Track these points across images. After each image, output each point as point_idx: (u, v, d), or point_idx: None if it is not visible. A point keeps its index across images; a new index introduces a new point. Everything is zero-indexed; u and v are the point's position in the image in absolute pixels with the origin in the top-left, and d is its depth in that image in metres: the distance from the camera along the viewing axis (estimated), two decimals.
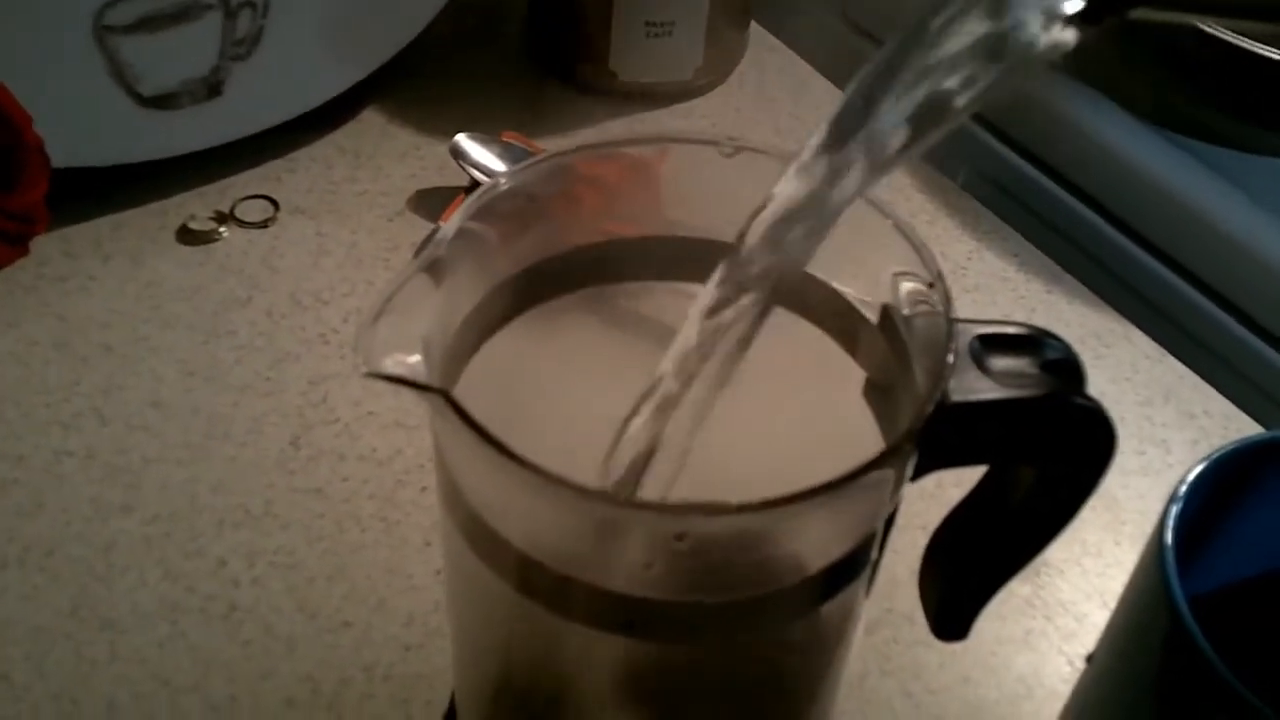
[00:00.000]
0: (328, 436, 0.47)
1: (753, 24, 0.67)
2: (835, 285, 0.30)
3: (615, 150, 0.30)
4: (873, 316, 0.29)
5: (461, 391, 0.27)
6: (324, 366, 0.50)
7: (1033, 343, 0.29)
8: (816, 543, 0.25)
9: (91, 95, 0.52)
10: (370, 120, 0.61)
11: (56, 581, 0.42)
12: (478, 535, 0.26)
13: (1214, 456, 0.34)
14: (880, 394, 0.29)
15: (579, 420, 0.29)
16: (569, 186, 0.29)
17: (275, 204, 0.56)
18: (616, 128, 0.62)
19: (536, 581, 0.25)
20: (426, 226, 0.56)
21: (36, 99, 0.49)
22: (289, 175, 0.58)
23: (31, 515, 0.44)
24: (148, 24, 0.52)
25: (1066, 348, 0.29)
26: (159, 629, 0.41)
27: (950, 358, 0.25)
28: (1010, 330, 0.29)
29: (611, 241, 0.31)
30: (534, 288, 0.30)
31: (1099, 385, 0.29)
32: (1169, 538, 0.32)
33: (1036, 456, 0.29)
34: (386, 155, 0.59)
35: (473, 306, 0.29)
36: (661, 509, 0.24)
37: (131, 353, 0.50)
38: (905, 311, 0.28)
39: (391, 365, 0.24)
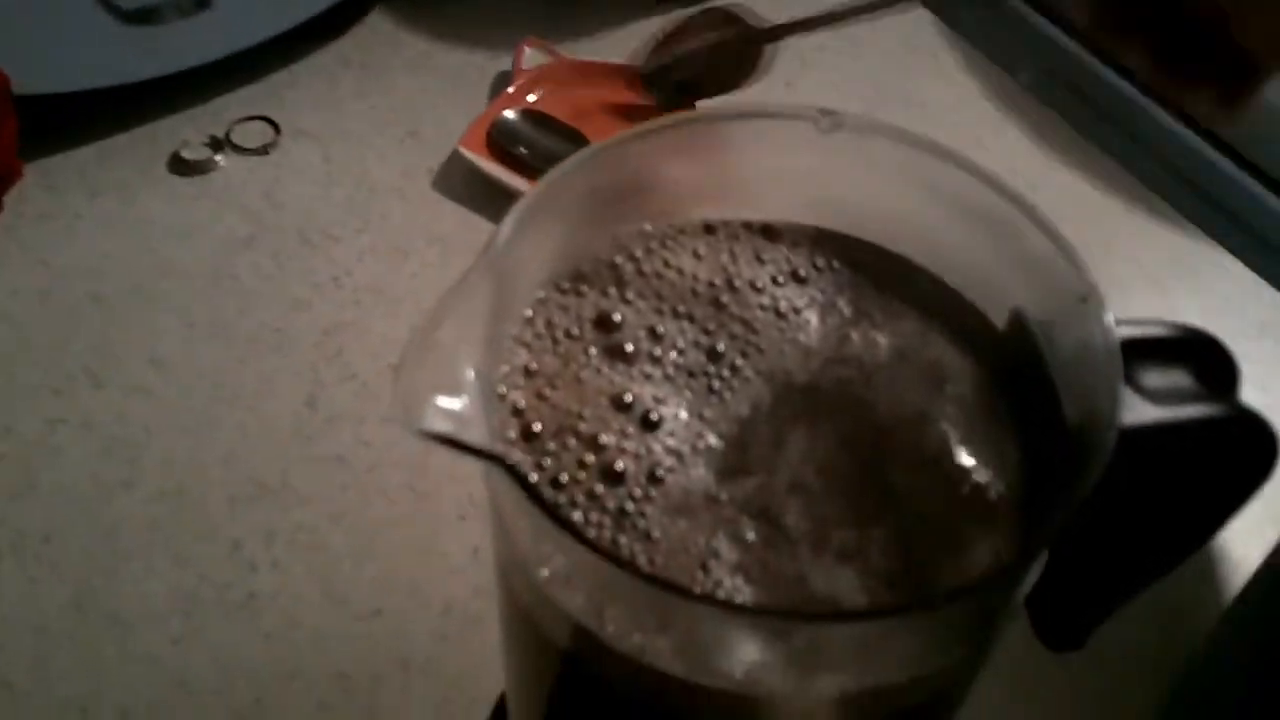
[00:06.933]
0: (346, 396, 0.43)
1: None
2: (949, 282, 0.26)
3: (682, 128, 0.25)
4: (999, 321, 0.25)
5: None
6: (338, 314, 0.45)
7: (1185, 347, 0.25)
8: (941, 639, 0.21)
9: (67, 13, 0.47)
10: (377, 26, 0.55)
11: (55, 572, 0.38)
12: (539, 611, 0.22)
13: None
14: (1005, 417, 0.25)
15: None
16: (638, 172, 0.25)
17: (276, 126, 0.51)
18: (649, 28, 0.56)
19: (607, 665, 0.21)
20: (443, 149, 0.51)
21: (2, 20, 0.43)
22: (289, 92, 0.52)
23: (22, 496, 0.40)
24: None
25: (1222, 350, 0.25)
26: (171, 624, 0.37)
27: (1118, 405, 0.21)
28: (1159, 332, 0.24)
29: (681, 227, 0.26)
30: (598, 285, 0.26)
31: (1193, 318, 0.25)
32: None
33: (1193, 480, 0.25)
34: (396, 67, 0.54)
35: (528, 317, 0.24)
36: (760, 613, 0.20)
37: (124, 305, 0.45)
38: (1042, 318, 0.24)
39: (436, 419, 0.20)
